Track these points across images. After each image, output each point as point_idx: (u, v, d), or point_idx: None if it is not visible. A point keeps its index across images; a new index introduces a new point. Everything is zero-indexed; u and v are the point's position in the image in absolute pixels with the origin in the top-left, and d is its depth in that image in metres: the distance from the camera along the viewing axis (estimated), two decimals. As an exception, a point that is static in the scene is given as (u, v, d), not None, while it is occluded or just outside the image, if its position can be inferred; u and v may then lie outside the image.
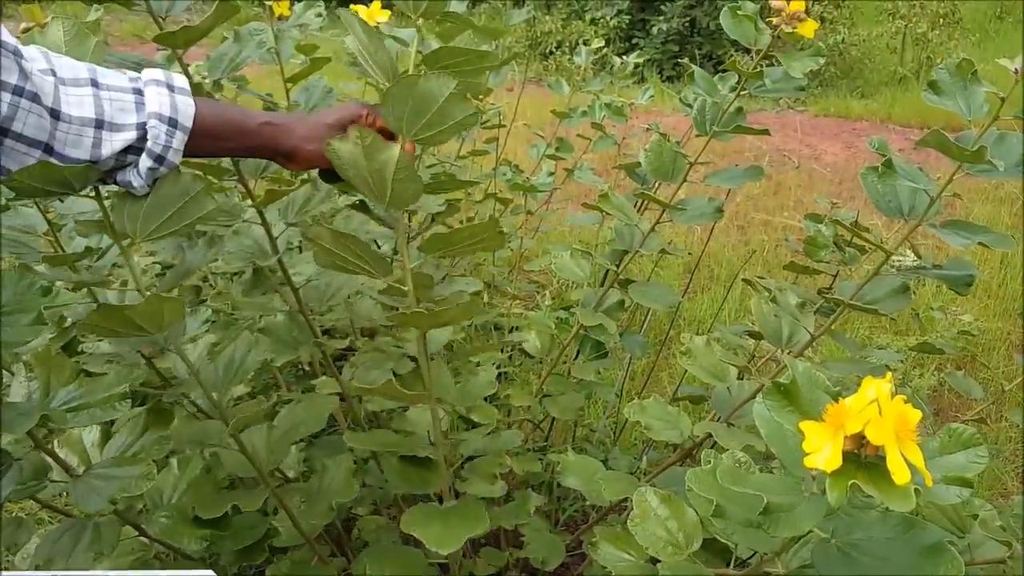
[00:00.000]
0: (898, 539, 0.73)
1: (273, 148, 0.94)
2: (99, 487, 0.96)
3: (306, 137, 0.93)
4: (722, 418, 1.20)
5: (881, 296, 1.07)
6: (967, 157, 0.87)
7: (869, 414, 0.60)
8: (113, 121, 0.84)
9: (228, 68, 1.20)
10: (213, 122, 0.90)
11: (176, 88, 0.88)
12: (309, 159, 0.94)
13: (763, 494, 0.65)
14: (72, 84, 0.82)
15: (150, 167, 0.87)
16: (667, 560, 0.94)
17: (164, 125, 0.86)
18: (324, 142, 0.92)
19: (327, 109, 0.97)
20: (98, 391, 0.97)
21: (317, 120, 0.94)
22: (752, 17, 1.14)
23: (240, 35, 1.21)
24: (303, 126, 0.94)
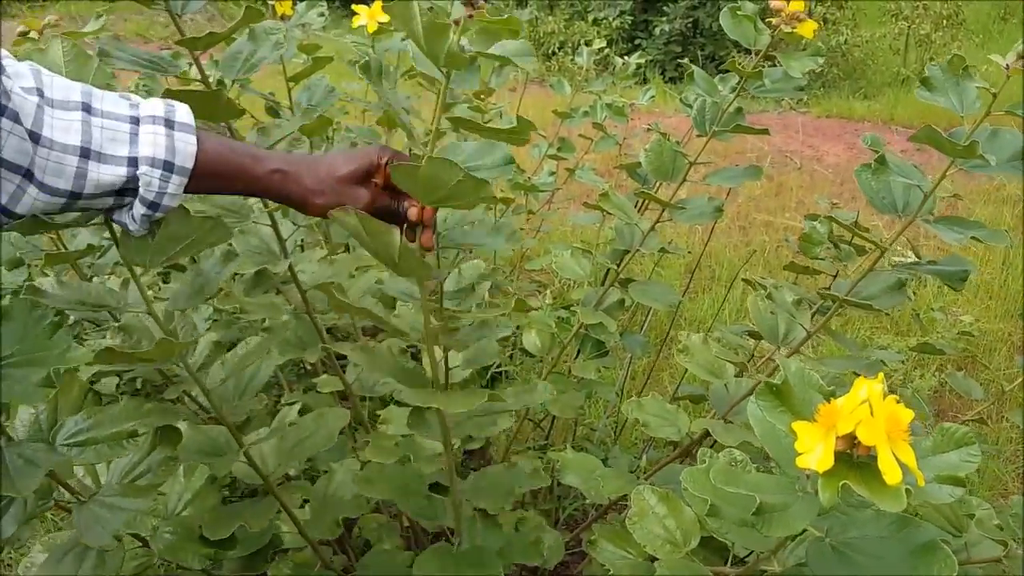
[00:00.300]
0: (892, 538, 0.74)
1: (283, 197, 0.87)
2: (104, 518, 0.93)
3: (316, 190, 0.86)
4: (720, 415, 1.20)
5: (877, 292, 1.08)
6: (959, 152, 0.88)
7: (860, 414, 0.60)
8: (102, 151, 0.77)
9: (242, 68, 1.16)
10: (217, 164, 0.83)
11: (177, 124, 0.80)
12: (319, 211, 0.87)
13: (756, 494, 0.65)
14: (61, 107, 0.76)
15: (144, 213, 0.81)
16: (664, 558, 0.95)
17: (158, 170, 0.79)
18: (336, 195, 0.85)
19: (342, 157, 0.88)
20: (106, 424, 0.94)
21: (330, 170, 0.86)
22: (752, 17, 1.14)
23: (255, 34, 1.16)
24: (313, 176, 0.86)
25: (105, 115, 0.78)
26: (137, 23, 8.52)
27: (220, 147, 0.84)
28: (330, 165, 0.87)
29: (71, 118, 0.76)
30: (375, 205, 0.87)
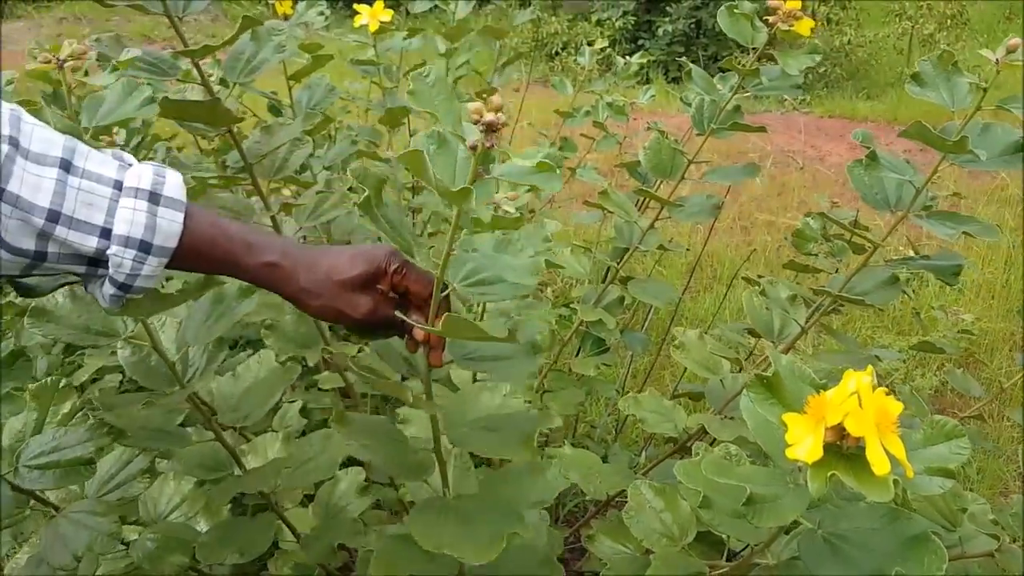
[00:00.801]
0: (883, 530, 0.74)
1: (273, 290, 0.79)
2: (69, 537, 0.92)
3: (311, 291, 0.78)
4: (716, 411, 1.21)
5: (870, 288, 1.08)
6: (949, 147, 0.89)
7: (849, 406, 0.61)
8: (74, 216, 0.69)
9: (244, 70, 1.15)
10: (204, 248, 0.75)
11: (163, 199, 0.72)
12: (314, 314, 0.80)
13: (747, 485, 0.66)
14: (36, 160, 0.68)
15: (113, 294, 0.74)
16: (660, 552, 0.96)
17: (132, 250, 0.71)
18: (333, 301, 0.77)
19: (346, 256, 0.79)
20: (68, 447, 0.93)
21: (329, 272, 0.77)
22: (749, 16, 1.15)
23: (258, 34, 1.14)
24: (310, 276, 0.78)
25: (86, 175, 0.70)
26: (142, 24, 8.55)
27: (211, 229, 0.76)
28: (331, 266, 0.78)
29: (45, 174, 0.68)
30: (376, 315, 0.79)
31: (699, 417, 1.19)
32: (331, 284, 0.77)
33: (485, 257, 0.83)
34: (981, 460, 2.31)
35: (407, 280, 0.80)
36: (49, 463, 0.90)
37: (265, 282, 0.78)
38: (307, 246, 0.80)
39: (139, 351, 1.07)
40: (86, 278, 0.75)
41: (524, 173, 0.73)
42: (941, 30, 7.16)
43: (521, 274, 0.82)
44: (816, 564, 0.72)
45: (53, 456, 0.91)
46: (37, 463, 0.90)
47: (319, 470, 1.19)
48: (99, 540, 0.91)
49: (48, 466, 0.90)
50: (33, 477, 0.90)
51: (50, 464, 0.90)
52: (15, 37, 8.53)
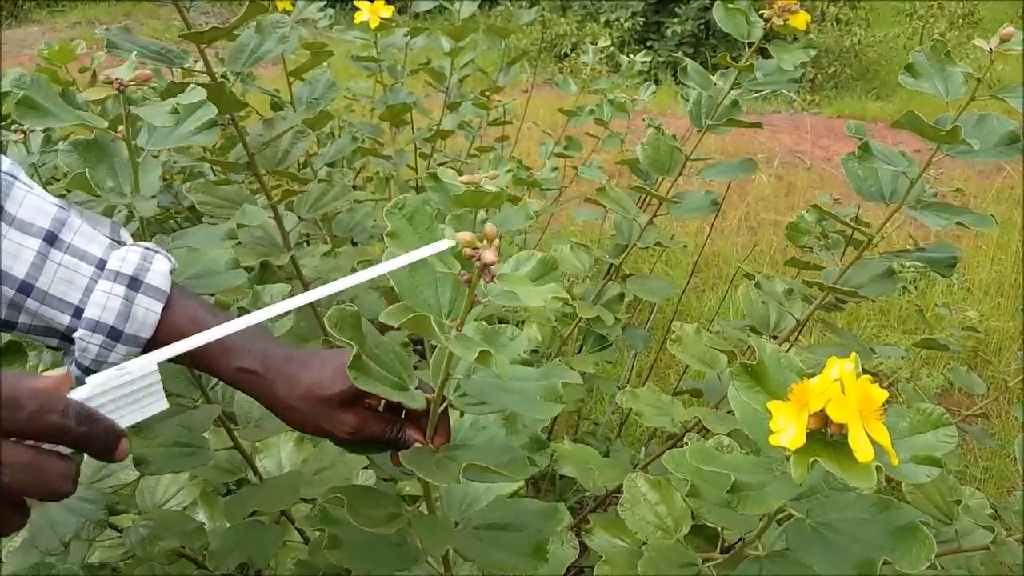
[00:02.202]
0: (872, 519, 0.74)
1: (250, 396, 0.74)
2: (58, 523, 0.93)
3: (291, 407, 0.71)
4: (713, 404, 1.21)
5: (866, 281, 1.08)
6: (942, 138, 0.88)
7: (831, 392, 0.61)
8: (48, 291, 0.67)
9: (248, 61, 1.15)
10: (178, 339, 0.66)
11: (144, 286, 0.69)
12: (295, 427, 0.74)
13: (733, 473, 0.66)
14: (20, 228, 0.65)
15: (78, 376, 0.69)
16: (654, 544, 0.96)
17: (100, 335, 0.67)
18: (314, 418, 0.71)
19: (330, 370, 0.71)
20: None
21: (311, 387, 0.70)
22: (743, 10, 1.15)
23: (262, 26, 1.15)
24: (290, 389, 0.71)
25: (70, 250, 0.68)
26: (154, 28, 8.61)
27: (189, 323, 0.70)
28: (313, 381, 0.70)
29: (25, 243, 0.65)
30: (362, 434, 0.72)
31: (696, 410, 1.19)
32: (312, 400, 0.70)
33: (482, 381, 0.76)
34: (988, 459, 2.30)
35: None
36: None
37: (243, 388, 0.73)
38: (290, 351, 0.74)
39: None
40: (59, 349, 0.72)
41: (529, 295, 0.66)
42: (952, 29, 7.13)
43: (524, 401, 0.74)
44: (804, 552, 0.72)
45: None
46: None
47: (334, 480, 1.17)
48: (87, 527, 0.91)
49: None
50: None
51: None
52: (29, 41, 8.60)
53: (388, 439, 0.73)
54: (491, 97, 2.20)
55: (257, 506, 1.08)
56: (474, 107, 2.17)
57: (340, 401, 0.70)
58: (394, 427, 0.73)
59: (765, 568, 0.81)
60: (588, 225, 3.49)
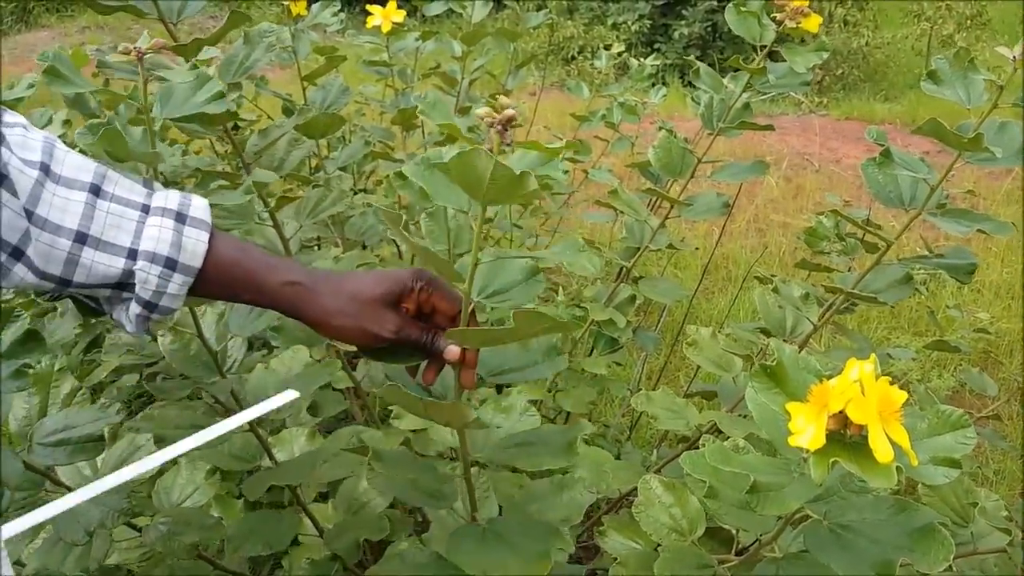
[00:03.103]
0: (890, 521, 0.74)
1: (295, 313, 0.78)
2: (83, 514, 0.94)
3: (335, 310, 0.76)
4: (728, 408, 1.21)
5: (883, 286, 1.08)
6: (964, 145, 0.88)
7: (851, 393, 0.61)
8: (101, 238, 0.70)
9: (238, 71, 1.17)
10: (227, 267, 0.75)
11: (189, 219, 0.73)
12: (338, 335, 0.78)
13: (752, 473, 0.66)
14: (66, 184, 0.69)
15: (139, 314, 0.73)
16: (669, 545, 0.96)
17: (158, 267, 0.71)
18: (358, 319, 0.76)
19: (370, 276, 0.78)
20: (80, 424, 0.95)
21: (355, 290, 0.76)
22: (756, 13, 1.15)
23: (249, 37, 1.17)
24: (334, 294, 0.76)
25: (115, 199, 0.72)
26: (162, 32, 8.62)
27: (234, 250, 0.76)
28: (355, 284, 0.77)
29: (74, 198, 0.69)
30: (403, 333, 0.77)
31: (711, 414, 1.19)
32: (356, 302, 0.76)
33: (489, 268, 0.83)
34: (999, 461, 2.29)
35: (435, 298, 0.79)
36: (61, 440, 0.93)
37: (287, 302, 0.77)
38: (327, 270, 0.80)
39: (180, 338, 1.09)
40: (111, 302, 0.76)
41: (534, 163, 0.74)
42: (960, 31, 7.10)
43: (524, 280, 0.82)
44: (823, 554, 0.73)
45: (65, 434, 0.94)
46: (50, 441, 0.93)
47: (346, 465, 1.21)
48: (111, 516, 0.93)
49: (61, 443, 0.93)
50: (46, 454, 0.92)
51: (62, 441, 0.93)
52: (40, 46, 8.63)
53: (424, 343, 0.78)
54: (499, 100, 2.21)
55: (274, 480, 1.11)
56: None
57: (381, 302, 0.76)
58: (429, 332, 0.78)
59: (782, 569, 0.81)
60: (597, 228, 3.49)
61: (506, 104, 0.72)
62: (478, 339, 0.78)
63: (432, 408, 0.80)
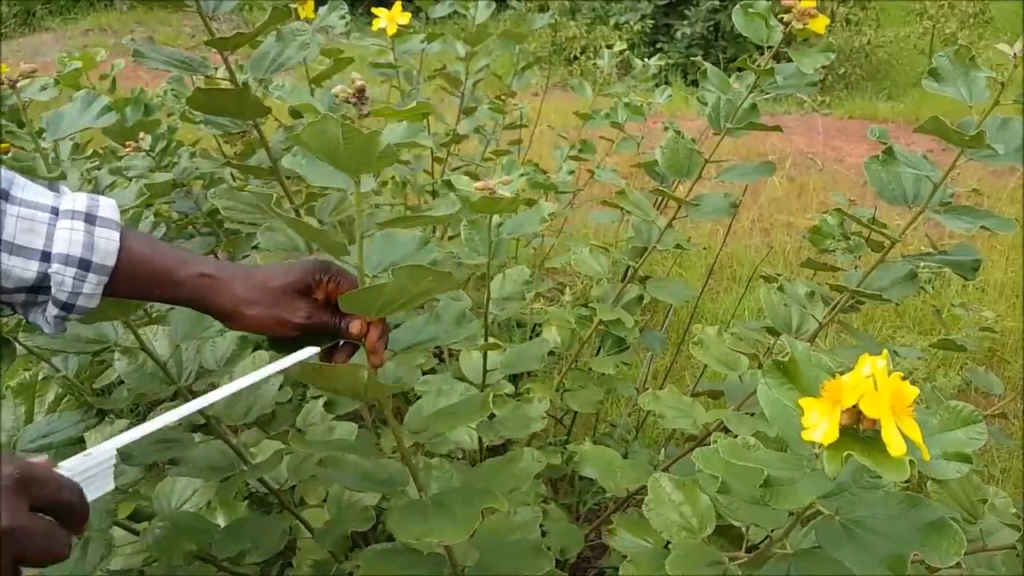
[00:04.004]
0: (901, 516, 0.75)
1: (209, 306, 0.79)
2: None
3: (247, 300, 0.78)
4: (735, 406, 1.22)
5: (888, 284, 1.09)
6: (966, 142, 0.89)
7: (864, 388, 0.62)
8: (14, 242, 0.71)
9: (270, 68, 1.18)
10: (140, 265, 0.76)
11: (99, 220, 0.74)
12: (250, 324, 0.79)
13: (765, 468, 0.67)
14: None
15: (57, 315, 0.75)
16: (680, 543, 0.97)
17: (72, 268, 0.72)
18: (270, 308, 0.78)
19: (280, 268, 0.81)
20: (61, 428, 0.98)
21: (265, 281, 0.79)
22: (763, 14, 1.16)
23: (283, 34, 1.17)
24: (245, 285, 0.78)
25: (24, 203, 0.72)
26: (165, 34, 8.67)
27: (146, 247, 0.77)
28: (266, 274, 0.79)
29: None
30: (313, 320, 0.80)
31: (718, 412, 1.20)
32: (268, 291, 0.78)
33: (383, 244, 0.88)
34: (1005, 459, 2.29)
35: (341, 287, 0.80)
36: (43, 445, 0.95)
37: (201, 294, 0.78)
38: (236, 263, 0.82)
39: (135, 359, 1.09)
40: (26, 307, 0.76)
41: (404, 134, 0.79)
42: (963, 29, 7.11)
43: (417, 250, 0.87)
44: (835, 549, 0.73)
45: (46, 439, 0.96)
46: (33, 446, 0.95)
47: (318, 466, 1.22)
48: (99, 518, 0.94)
49: (43, 448, 0.95)
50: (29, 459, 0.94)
51: (44, 446, 0.95)
52: (43, 49, 8.66)
53: (334, 326, 0.81)
54: (506, 101, 2.22)
55: (244, 478, 1.13)
56: (490, 111, 2.19)
57: (294, 290, 0.79)
58: (339, 317, 0.80)
59: (794, 566, 0.82)
60: (601, 228, 3.50)
61: (357, 78, 0.76)
62: (367, 300, 0.78)
63: (328, 374, 0.82)
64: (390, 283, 0.74)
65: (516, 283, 1.39)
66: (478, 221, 1.24)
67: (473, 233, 1.24)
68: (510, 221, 1.26)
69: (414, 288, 0.76)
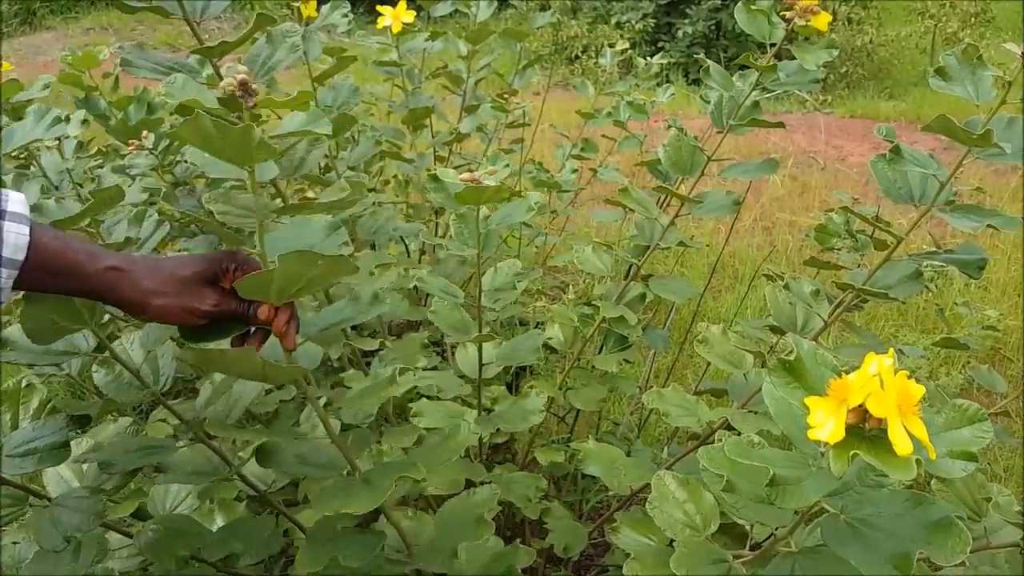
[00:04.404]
0: (906, 514, 0.75)
1: (118, 298, 0.80)
2: (60, 520, 0.97)
3: (154, 290, 0.80)
4: (739, 405, 1.22)
5: (894, 282, 1.09)
6: (974, 141, 0.89)
7: (871, 387, 0.62)
8: None
9: (260, 71, 1.16)
10: (50, 259, 0.77)
11: (7, 214, 0.75)
12: (159, 314, 0.81)
13: (770, 467, 0.67)
14: None
15: None
16: (684, 540, 0.96)
17: None
18: (179, 297, 0.80)
19: (187, 258, 0.83)
20: (47, 434, 0.98)
21: (172, 271, 0.81)
22: (766, 11, 1.16)
23: (272, 37, 1.16)
24: (153, 276, 0.80)
25: None
26: (167, 33, 8.67)
27: (55, 241, 0.78)
28: (172, 265, 0.82)
29: None
30: (221, 307, 0.83)
31: (722, 411, 1.20)
32: (176, 281, 0.80)
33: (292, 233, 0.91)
34: (1008, 458, 2.29)
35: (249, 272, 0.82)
36: (28, 451, 0.96)
37: (110, 286, 0.79)
38: (144, 255, 0.84)
39: (112, 370, 1.10)
40: None
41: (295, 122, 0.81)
42: (964, 28, 7.10)
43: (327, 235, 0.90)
44: (840, 547, 0.73)
45: (31, 445, 0.97)
46: (18, 452, 0.96)
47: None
48: (88, 520, 0.94)
49: (28, 453, 0.96)
50: (15, 464, 0.95)
51: (29, 451, 0.96)
52: (44, 48, 8.67)
53: (243, 312, 0.84)
54: (508, 100, 2.22)
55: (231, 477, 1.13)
56: (493, 110, 2.19)
57: (202, 278, 0.82)
58: (247, 303, 0.83)
59: (799, 564, 0.82)
60: (603, 226, 3.50)
61: (240, 70, 0.78)
62: (260, 284, 0.79)
63: (224, 359, 0.83)
64: (278, 268, 0.76)
65: (507, 275, 1.40)
66: (466, 214, 1.25)
67: (462, 226, 1.25)
68: (497, 212, 1.27)
69: (307, 273, 0.78)
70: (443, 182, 1.17)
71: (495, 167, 1.18)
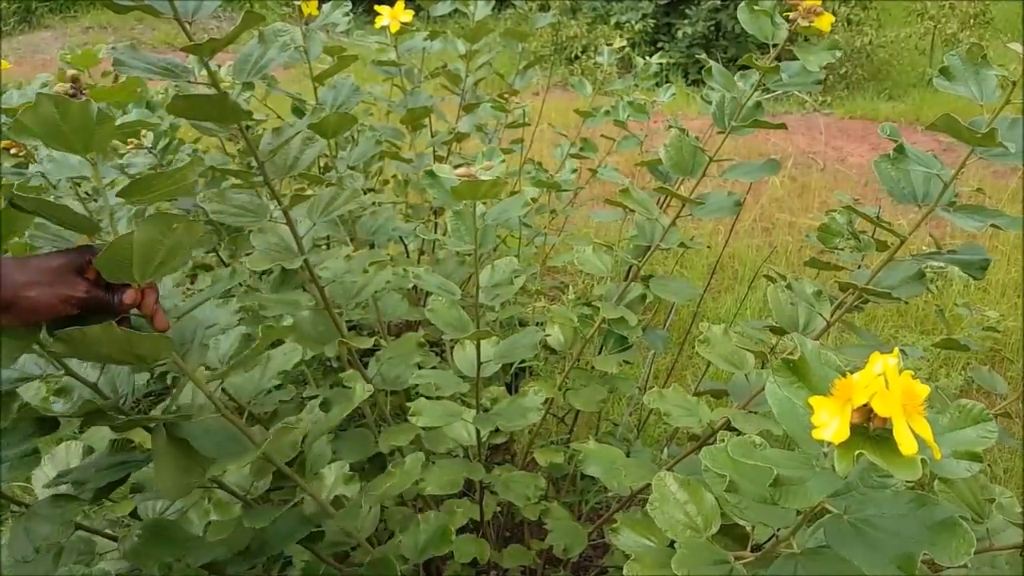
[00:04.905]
0: (910, 515, 0.74)
1: None
2: (32, 530, 0.96)
3: (27, 282, 0.79)
4: (740, 405, 1.21)
5: (896, 282, 1.08)
6: (978, 140, 0.89)
7: (875, 387, 0.61)
8: None
9: (252, 71, 1.17)
10: None
11: None
12: (32, 307, 0.80)
13: (774, 467, 0.66)
14: None
15: None
16: (685, 541, 0.96)
17: None
18: (51, 286, 0.80)
19: (49, 253, 0.84)
20: (15, 443, 0.98)
21: (40, 263, 0.81)
22: (769, 12, 1.15)
23: (264, 36, 1.18)
24: (23, 270, 0.80)
25: None
26: (166, 32, 8.66)
27: None
28: (40, 259, 0.82)
29: None
30: (92, 293, 0.83)
31: (724, 411, 1.19)
32: (46, 272, 0.80)
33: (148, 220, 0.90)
34: (1008, 459, 2.29)
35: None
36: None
37: None
38: (8, 255, 0.83)
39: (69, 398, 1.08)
40: None
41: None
42: (964, 29, 7.10)
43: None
44: (843, 548, 0.73)
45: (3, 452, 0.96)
46: None
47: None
48: (58, 531, 0.93)
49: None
50: None
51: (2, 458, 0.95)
52: (43, 47, 8.66)
53: (108, 301, 0.84)
54: (508, 99, 2.21)
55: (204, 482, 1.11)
56: (493, 109, 2.18)
57: (70, 269, 0.82)
58: (112, 292, 0.85)
59: (801, 565, 0.81)
60: (603, 226, 3.49)
61: (66, 67, 0.83)
62: (119, 254, 0.80)
63: (85, 339, 0.82)
64: (138, 233, 0.76)
65: (505, 272, 1.40)
66: (463, 210, 1.25)
67: (459, 223, 1.25)
68: (494, 208, 1.26)
69: (166, 240, 0.78)
70: (439, 178, 1.17)
71: (491, 162, 1.18)
